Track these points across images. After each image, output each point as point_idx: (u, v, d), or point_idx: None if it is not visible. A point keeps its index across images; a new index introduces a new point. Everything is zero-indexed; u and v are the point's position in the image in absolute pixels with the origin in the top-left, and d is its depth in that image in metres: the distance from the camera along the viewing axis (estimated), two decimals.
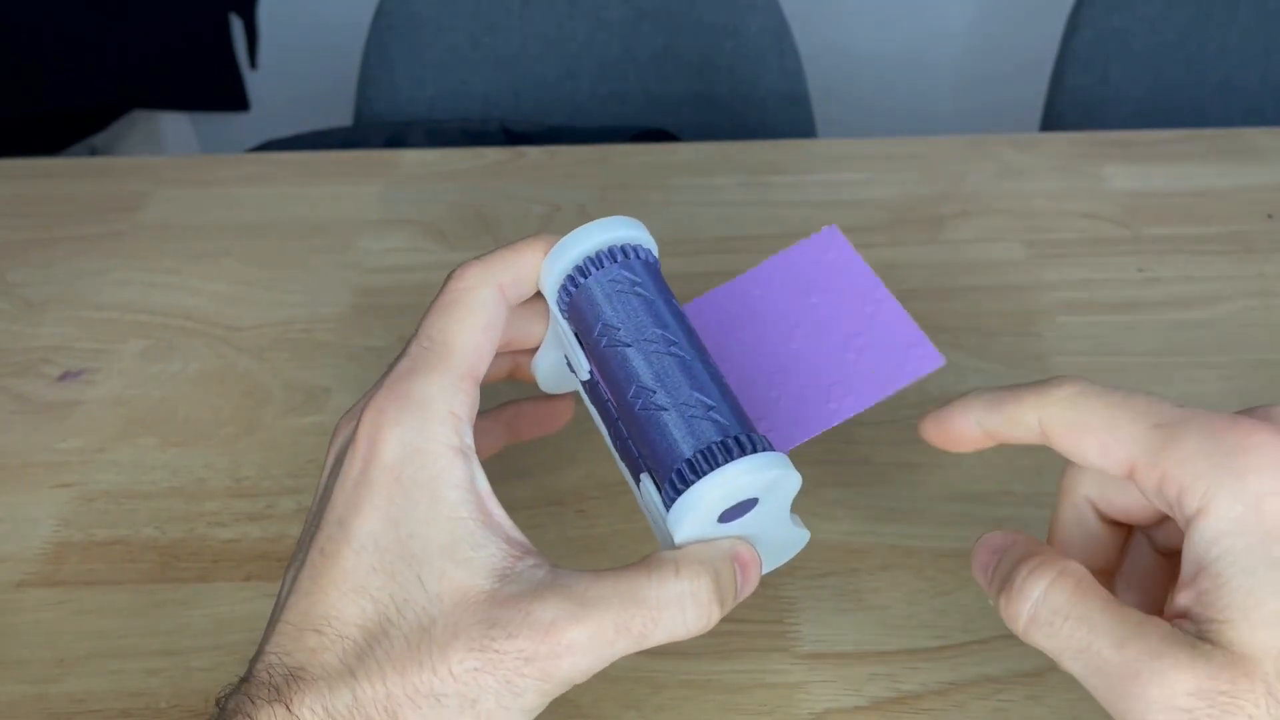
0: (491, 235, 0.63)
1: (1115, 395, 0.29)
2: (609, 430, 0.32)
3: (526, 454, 0.46)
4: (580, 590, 0.27)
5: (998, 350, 0.53)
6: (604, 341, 0.30)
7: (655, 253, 0.32)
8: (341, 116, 1.05)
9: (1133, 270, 0.59)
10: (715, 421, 0.28)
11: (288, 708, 0.26)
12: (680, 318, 0.31)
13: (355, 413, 0.31)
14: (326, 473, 0.31)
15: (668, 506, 0.29)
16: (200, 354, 0.55)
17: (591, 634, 0.27)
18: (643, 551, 0.44)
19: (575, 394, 0.35)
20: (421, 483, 0.28)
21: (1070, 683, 0.39)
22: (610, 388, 0.30)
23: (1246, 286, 0.57)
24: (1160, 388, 0.51)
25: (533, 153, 0.70)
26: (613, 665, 0.40)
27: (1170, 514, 0.29)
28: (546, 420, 0.37)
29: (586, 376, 0.32)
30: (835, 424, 0.31)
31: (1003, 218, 0.63)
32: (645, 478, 0.30)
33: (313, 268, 0.61)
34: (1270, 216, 0.62)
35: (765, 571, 0.36)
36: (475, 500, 0.28)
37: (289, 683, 0.27)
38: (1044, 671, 0.39)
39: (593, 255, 0.30)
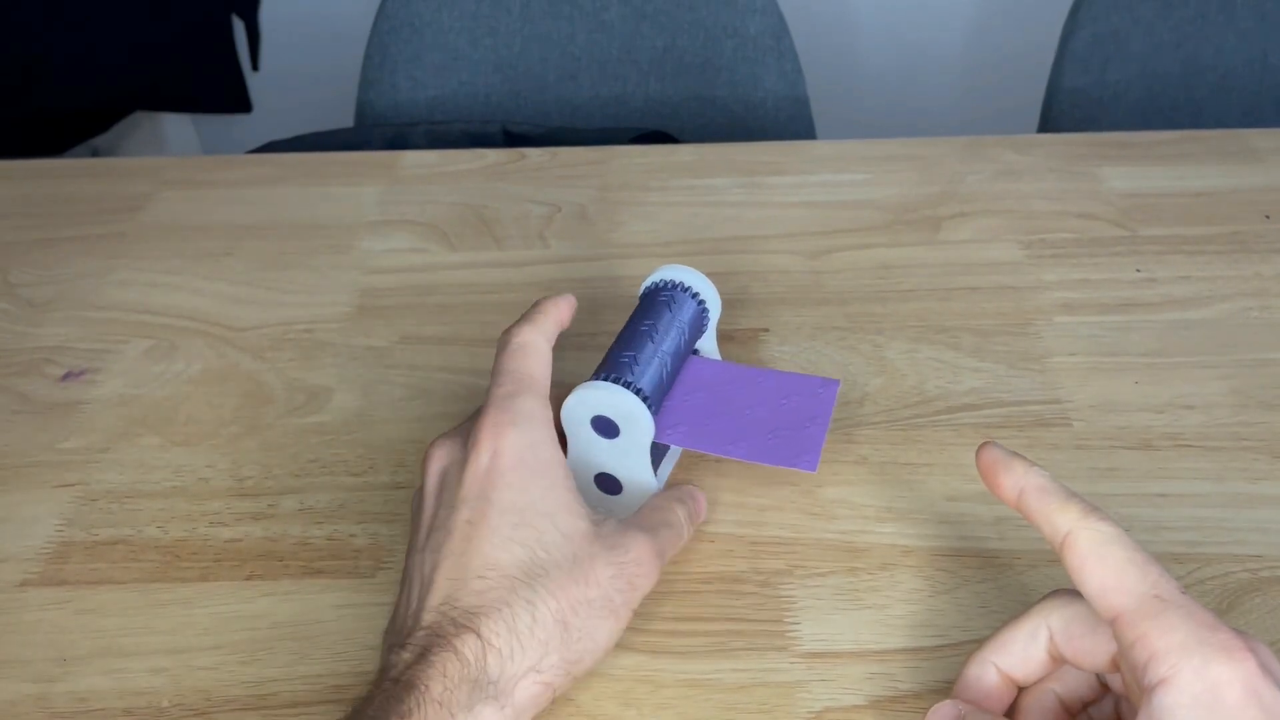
0: (492, 236, 0.63)
1: (1139, 554, 0.32)
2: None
3: None
4: (641, 524, 0.40)
5: (996, 350, 0.54)
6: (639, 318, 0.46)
7: (706, 300, 0.47)
8: (343, 118, 1.05)
9: (1130, 271, 0.59)
10: (630, 371, 0.42)
11: (476, 634, 0.34)
12: (680, 334, 0.45)
13: (455, 434, 0.40)
14: (434, 482, 0.40)
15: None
16: (202, 354, 0.55)
17: (654, 550, 0.39)
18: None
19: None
20: (538, 468, 0.38)
21: None
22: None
23: (1244, 287, 0.57)
24: (1158, 388, 0.51)
25: (533, 154, 0.70)
26: (612, 665, 0.40)
27: (1126, 675, 0.31)
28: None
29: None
30: (716, 454, 0.43)
31: (1001, 218, 0.63)
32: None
33: (314, 268, 0.61)
34: (1268, 217, 0.63)
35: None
36: (570, 479, 0.39)
37: (470, 617, 0.34)
38: None
39: (660, 282, 0.47)
